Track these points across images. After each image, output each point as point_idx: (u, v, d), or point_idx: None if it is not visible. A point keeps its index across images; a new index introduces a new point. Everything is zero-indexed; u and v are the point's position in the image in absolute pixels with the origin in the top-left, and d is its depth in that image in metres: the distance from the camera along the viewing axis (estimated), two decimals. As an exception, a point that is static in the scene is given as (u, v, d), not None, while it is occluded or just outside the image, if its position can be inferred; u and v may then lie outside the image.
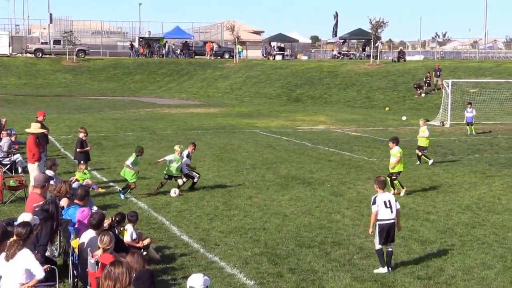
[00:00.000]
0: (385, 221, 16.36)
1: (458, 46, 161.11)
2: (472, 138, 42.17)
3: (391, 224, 16.40)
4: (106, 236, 13.55)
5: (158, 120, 50.49)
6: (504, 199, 24.23)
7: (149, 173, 28.64)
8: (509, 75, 68.16)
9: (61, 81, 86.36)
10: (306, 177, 28.20)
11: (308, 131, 45.48)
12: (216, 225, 20.32)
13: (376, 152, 35.41)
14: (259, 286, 15.14)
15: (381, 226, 16.36)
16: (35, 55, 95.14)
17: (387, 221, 16.36)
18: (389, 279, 15.63)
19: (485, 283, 15.51)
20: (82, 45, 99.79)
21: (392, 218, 16.40)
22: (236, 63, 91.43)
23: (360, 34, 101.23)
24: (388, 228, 16.36)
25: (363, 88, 72.11)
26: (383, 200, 16.46)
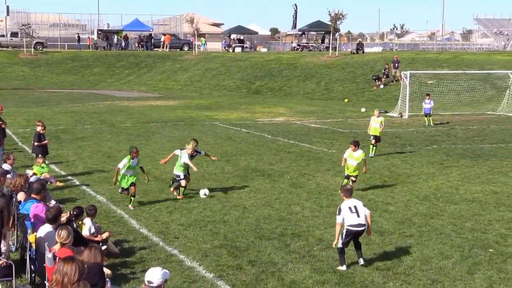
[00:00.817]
0: (352, 227, 15.78)
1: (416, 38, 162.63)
2: (430, 129, 42.51)
3: (360, 231, 15.91)
4: (63, 230, 13.38)
5: (117, 113, 50.18)
6: (461, 190, 24.45)
7: (108, 166, 28.43)
8: (466, 66, 68.87)
9: (18, 74, 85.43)
10: (266, 169, 28.21)
11: (268, 123, 45.50)
12: (176, 218, 20.24)
13: (335, 144, 35.53)
14: (219, 279, 15.09)
15: (348, 230, 15.85)
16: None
17: (355, 227, 15.78)
18: (348, 271, 15.66)
19: (443, 272, 15.63)
20: (40, 37, 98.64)
21: (361, 224, 15.82)
22: (196, 55, 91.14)
23: (319, 26, 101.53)
24: (356, 234, 15.92)
25: (322, 80, 72.36)
26: (347, 206, 15.92)
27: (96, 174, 26.75)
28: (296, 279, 15.11)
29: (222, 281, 14.96)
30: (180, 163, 23.14)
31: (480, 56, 77.66)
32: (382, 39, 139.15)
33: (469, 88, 58.65)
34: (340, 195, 16.79)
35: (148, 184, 24.16)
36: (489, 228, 19.39)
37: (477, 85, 59.05)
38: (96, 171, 27.37)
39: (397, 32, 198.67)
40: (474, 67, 67.80)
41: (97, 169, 27.79)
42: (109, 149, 32.56)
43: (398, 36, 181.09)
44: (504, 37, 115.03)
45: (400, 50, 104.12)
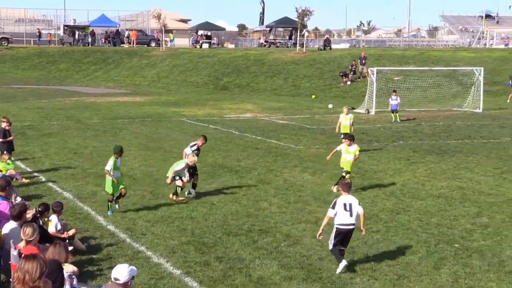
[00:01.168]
0: (343, 226, 15.43)
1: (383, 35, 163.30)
2: (396, 126, 42.73)
3: (349, 230, 15.54)
4: (28, 227, 13.27)
5: (83, 109, 49.87)
6: (427, 185, 24.61)
7: (75, 162, 28.29)
8: (432, 63, 69.38)
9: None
10: (233, 165, 28.20)
11: (235, 119, 45.48)
12: (143, 214, 20.17)
13: (303, 140, 35.61)
14: (186, 275, 15.07)
15: (338, 230, 15.51)
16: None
17: (345, 226, 15.43)
18: (316, 266, 15.72)
19: (409, 268, 15.73)
20: (5, 33, 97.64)
21: (351, 224, 15.45)
22: (163, 51, 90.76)
23: (287, 23, 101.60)
24: (346, 233, 15.54)
25: (290, 76, 72.41)
26: (342, 202, 15.46)
27: (63, 170, 26.56)
28: (264, 275, 15.11)
29: (189, 278, 14.93)
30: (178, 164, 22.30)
31: (446, 53, 78.19)
32: (349, 36, 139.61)
33: (435, 84, 59.00)
34: (339, 189, 16.52)
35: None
36: (454, 224, 19.54)
37: (443, 81, 59.40)
38: (62, 167, 27.16)
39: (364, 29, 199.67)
40: (440, 64, 68.32)
41: (64, 165, 27.59)
42: (76, 146, 32.35)
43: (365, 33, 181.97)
44: (470, 34, 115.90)
45: (367, 46, 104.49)
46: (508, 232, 18.78)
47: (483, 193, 23.56)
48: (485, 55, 74.52)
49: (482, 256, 16.67)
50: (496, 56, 74.41)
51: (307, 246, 17.26)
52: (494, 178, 26.05)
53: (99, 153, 30.57)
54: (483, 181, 25.56)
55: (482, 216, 20.44)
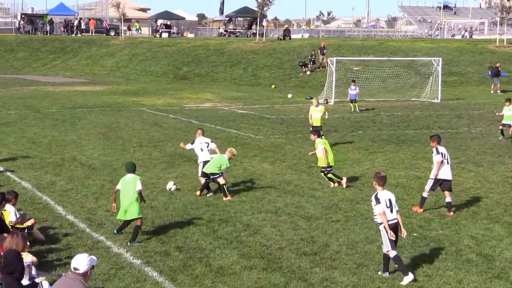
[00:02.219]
0: (390, 221, 14.69)
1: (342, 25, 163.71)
2: (355, 115, 42.92)
3: (395, 225, 14.77)
4: None
5: (42, 98, 49.42)
6: (386, 175, 24.71)
7: (33, 152, 28.07)
8: (391, 53, 69.81)
9: None
10: (193, 155, 27.90)
11: (195, 109, 45.39)
12: (102, 204, 20.11)
13: (262, 130, 35.64)
14: (146, 265, 15.07)
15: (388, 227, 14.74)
16: None
17: (391, 221, 14.71)
18: (276, 256, 15.79)
19: (368, 256, 15.91)
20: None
21: (395, 218, 14.78)
22: (122, 40, 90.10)
23: (246, 12, 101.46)
24: (394, 228, 14.73)
25: (249, 66, 72.38)
26: (385, 199, 14.77)
27: (21, 160, 26.33)
28: (224, 265, 15.16)
29: (149, 267, 14.94)
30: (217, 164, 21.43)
31: (405, 43, 78.74)
32: (308, 26, 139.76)
33: (394, 74, 59.35)
34: (373, 183, 15.38)
35: (75, 170, 23.86)
36: (413, 213, 19.72)
37: (402, 71, 59.81)
38: (20, 157, 26.95)
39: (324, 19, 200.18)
40: (398, 54, 68.72)
41: (22, 155, 27.38)
42: (34, 135, 32.07)
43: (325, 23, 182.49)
44: (428, 25, 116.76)
45: (326, 36, 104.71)
46: (466, 221, 18.99)
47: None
48: (443, 46, 75.24)
49: (439, 244, 16.85)
50: (454, 46, 75.13)
51: (267, 235, 17.31)
52: (452, 168, 26.16)
53: (58, 142, 30.36)
54: (441, 170, 25.71)
55: (440, 205, 20.56)
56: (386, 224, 14.64)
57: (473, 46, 75.41)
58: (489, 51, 72.97)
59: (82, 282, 10.14)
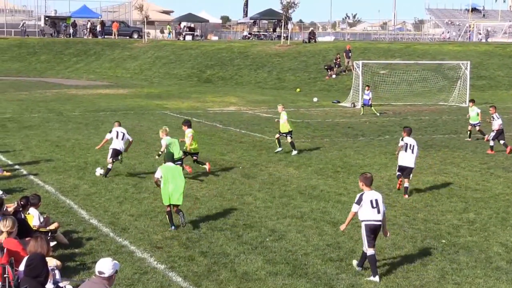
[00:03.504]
0: (372, 222, 14.94)
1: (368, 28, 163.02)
2: (382, 120, 42.56)
3: (378, 226, 15.03)
4: (8, 219, 13.27)
5: (65, 101, 49.49)
6: (414, 180, 24.35)
7: (56, 155, 28.03)
8: (418, 56, 69.40)
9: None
10: (217, 159, 27.98)
11: (219, 113, 45.25)
12: (126, 208, 19.98)
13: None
14: (170, 270, 14.94)
15: (368, 226, 14.98)
16: None
17: (374, 221, 14.95)
18: (302, 261, 15.59)
19: (396, 263, 15.64)
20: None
21: (379, 220, 14.97)
22: (145, 43, 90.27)
23: (271, 15, 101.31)
24: (375, 229, 15.03)
25: (274, 69, 72.18)
26: (369, 199, 15.01)
27: (44, 163, 26.27)
28: (249, 270, 14.99)
29: (173, 273, 14.81)
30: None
31: (432, 47, 78.20)
32: (334, 29, 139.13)
33: (421, 78, 58.92)
34: (359, 184, 15.56)
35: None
36: (441, 219, 19.47)
37: (429, 75, 59.35)
38: (43, 160, 26.89)
39: (349, 22, 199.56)
40: (426, 58, 68.28)
41: (45, 158, 27.32)
42: (57, 138, 32.04)
43: (350, 26, 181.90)
44: (456, 28, 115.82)
45: (352, 39, 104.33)
46: (495, 228, 18.74)
47: (469, 188, 23.49)
48: (471, 49, 74.61)
49: (469, 252, 16.59)
50: (482, 50, 74.53)
51: (292, 241, 17.14)
52: (481, 173, 25.99)
53: (81, 145, 30.32)
54: (469, 176, 25.50)
55: (469, 211, 20.36)
56: (347, 222, 15.48)
57: (502, 49, 74.75)
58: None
59: (106, 286, 10.09)
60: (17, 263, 12.13)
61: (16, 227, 13.21)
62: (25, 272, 10.86)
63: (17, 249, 12.88)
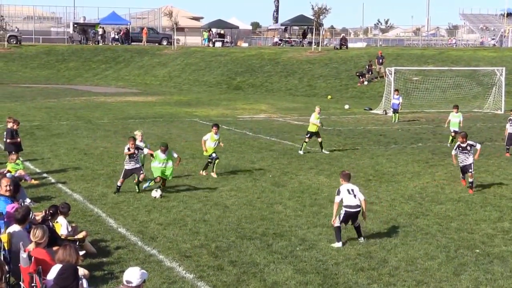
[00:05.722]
0: (350, 208, 17.24)
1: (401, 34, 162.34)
2: (415, 127, 42.15)
3: (355, 213, 17.32)
4: (38, 229, 13.25)
5: (93, 109, 49.62)
6: (447, 189, 24.14)
7: (85, 163, 28.03)
8: (451, 63, 68.77)
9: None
10: (247, 167, 27.80)
11: (249, 120, 45.12)
12: (155, 217, 19.84)
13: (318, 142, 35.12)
14: (199, 280, 14.80)
15: (346, 212, 17.24)
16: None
17: (352, 208, 17.24)
18: (332, 271, 15.39)
19: (428, 273, 15.39)
20: (13, 31, 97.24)
21: (357, 205, 17.27)
22: (175, 50, 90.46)
23: (302, 21, 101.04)
24: (353, 214, 17.30)
25: (305, 76, 71.95)
26: (346, 188, 17.37)
27: (72, 171, 26.24)
28: (279, 280, 14.82)
29: (202, 282, 14.68)
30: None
31: (466, 53, 77.41)
32: (366, 35, 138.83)
33: (455, 85, 58.37)
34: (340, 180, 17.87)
35: (127, 182, 23.70)
36: (475, 228, 19.15)
37: (463, 82, 58.81)
38: (72, 168, 26.86)
39: (382, 27, 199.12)
40: (460, 64, 67.67)
41: (73, 166, 27.30)
42: (85, 146, 32.03)
43: (383, 32, 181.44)
44: (491, 33, 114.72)
45: (384, 45, 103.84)
46: (530, 237, 18.36)
47: (504, 197, 23.11)
48: (506, 55, 73.71)
49: (503, 262, 16.29)
50: (518, 55, 73.74)
51: (323, 250, 16.92)
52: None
53: (110, 154, 30.29)
54: (504, 184, 25.10)
55: (503, 220, 20.02)
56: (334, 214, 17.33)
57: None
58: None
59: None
60: (45, 272, 12.11)
61: (46, 238, 13.21)
62: (56, 281, 10.85)
63: (45, 258, 12.85)
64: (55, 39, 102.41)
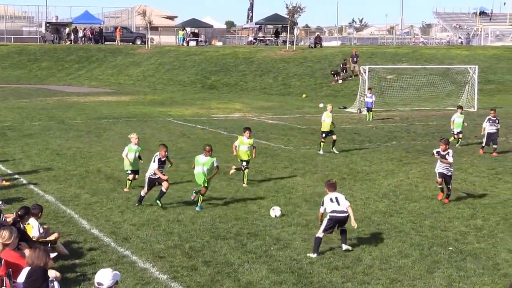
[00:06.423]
0: (336, 213, 16.68)
1: (375, 32, 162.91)
2: (389, 125, 42.25)
3: (342, 218, 16.73)
4: (6, 231, 13.12)
5: (66, 109, 49.25)
6: (421, 187, 24.23)
7: (57, 164, 27.86)
8: (425, 61, 69.11)
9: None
10: (221, 167, 27.46)
11: (223, 119, 45.02)
12: (128, 217, 19.75)
13: (293, 140, 35.17)
14: (173, 280, 14.77)
15: (331, 217, 16.65)
16: None
17: (339, 213, 16.69)
18: (307, 270, 15.42)
19: (402, 271, 15.47)
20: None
21: (343, 211, 16.70)
22: (149, 49, 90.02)
23: (277, 20, 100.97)
24: (339, 219, 16.71)
25: (280, 75, 71.92)
26: (329, 198, 16.91)
27: (44, 172, 26.04)
28: (253, 280, 14.82)
29: (176, 283, 14.66)
30: None
31: (440, 51, 77.89)
32: (340, 33, 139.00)
33: (429, 83, 58.67)
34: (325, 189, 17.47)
35: (100, 182, 23.54)
36: (448, 226, 19.28)
37: (437, 80, 59.11)
38: (44, 169, 26.66)
39: (356, 26, 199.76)
40: (433, 62, 67.98)
41: (45, 167, 27.10)
42: (58, 147, 31.82)
43: (357, 30, 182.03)
44: (464, 31, 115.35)
45: (359, 44, 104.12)
46: (503, 234, 18.56)
47: (477, 194, 23.21)
48: (479, 53, 74.35)
49: (476, 259, 16.43)
50: (490, 54, 74.33)
51: (297, 249, 16.95)
52: (488, 179, 25.75)
53: (83, 154, 30.12)
54: (477, 182, 25.27)
55: (476, 218, 20.16)
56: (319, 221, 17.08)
57: (511, 53, 74.52)
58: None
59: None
60: (15, 274, 11.97)
61: (14, 239, 13.02)
62: (25, 284, 10.80)
63: (16, 260, 12.70)
64: (27, 39, 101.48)
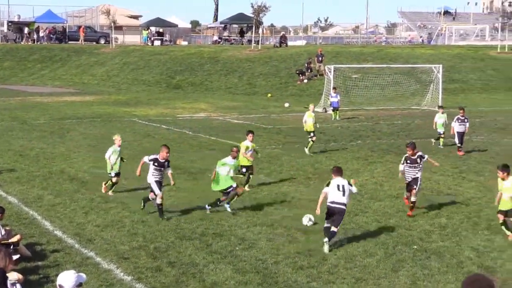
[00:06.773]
0: (333, 204, 16.93)
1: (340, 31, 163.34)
2: (354, 125, 42.39)
3: (338, 209, 16.91)
4: None
5: (29, 109, 48.82)
6: (386, 186, 24.34)
7: (20, 165, 27.64)
8: (390, 60, 69.35)
9: None
10: (187, 167, 27.66)
11: (189, 119, 44.90)
12: (92, 218, 19.64)
13: (258, 140, 34.98)
14: (137, 282, 14.72)
15: (328, 207, 17.00)
16: None
17: (336, 204, 16.91)
18: (272, 270, 15.44)
19: (367, 270, 15.54)
20: None
21: (342, 203, 16.95)
22: (113, 49, 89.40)
23: (242, 19, 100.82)
24: (333, 211, 16.94)
25: (245, 75, 71.79)
26: (336, 183, 17.11)
27: (7, 173, 25.82)
28: (218, 280, 14.82)
29: (140, 284, 14.62)
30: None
31: (404, 50, 78.31)
32: (305, 32, 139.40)
33: (394, 82, 58.94)
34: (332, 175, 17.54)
35: (63, 183, 23.32)
36: (413, 225, 19.39)
37: (402, 79, 59.42)
38: (6, 170, 26.43)
39: (321, 25, 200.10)
40: (398, 61, 68.31)
41: (8, 168, 26.88)
42: (20, 147, 31.54)
43: (322, 29, 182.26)
44: (428, 30, 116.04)
45: (324, 43, 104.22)
46: (467, 232, 18.71)
47: (441, 193, 23.48)
48: (443, 52, 74.85)
49: (440, 257, 16.55)
50: (454, 53, 74.84)
51: (262, 249, 16.94)
52: (453, 178, 25.95)
53: (46, 155, 29.89)
54: (441, 181, 25.44)
55: (440, 216, 20.31)
56: (319, 203, 17.18)
57: (474, 52, 75.31)
58: (490, 57, 72.99)
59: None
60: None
61: None
62: None
63: (-25, 263, 12.48)
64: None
